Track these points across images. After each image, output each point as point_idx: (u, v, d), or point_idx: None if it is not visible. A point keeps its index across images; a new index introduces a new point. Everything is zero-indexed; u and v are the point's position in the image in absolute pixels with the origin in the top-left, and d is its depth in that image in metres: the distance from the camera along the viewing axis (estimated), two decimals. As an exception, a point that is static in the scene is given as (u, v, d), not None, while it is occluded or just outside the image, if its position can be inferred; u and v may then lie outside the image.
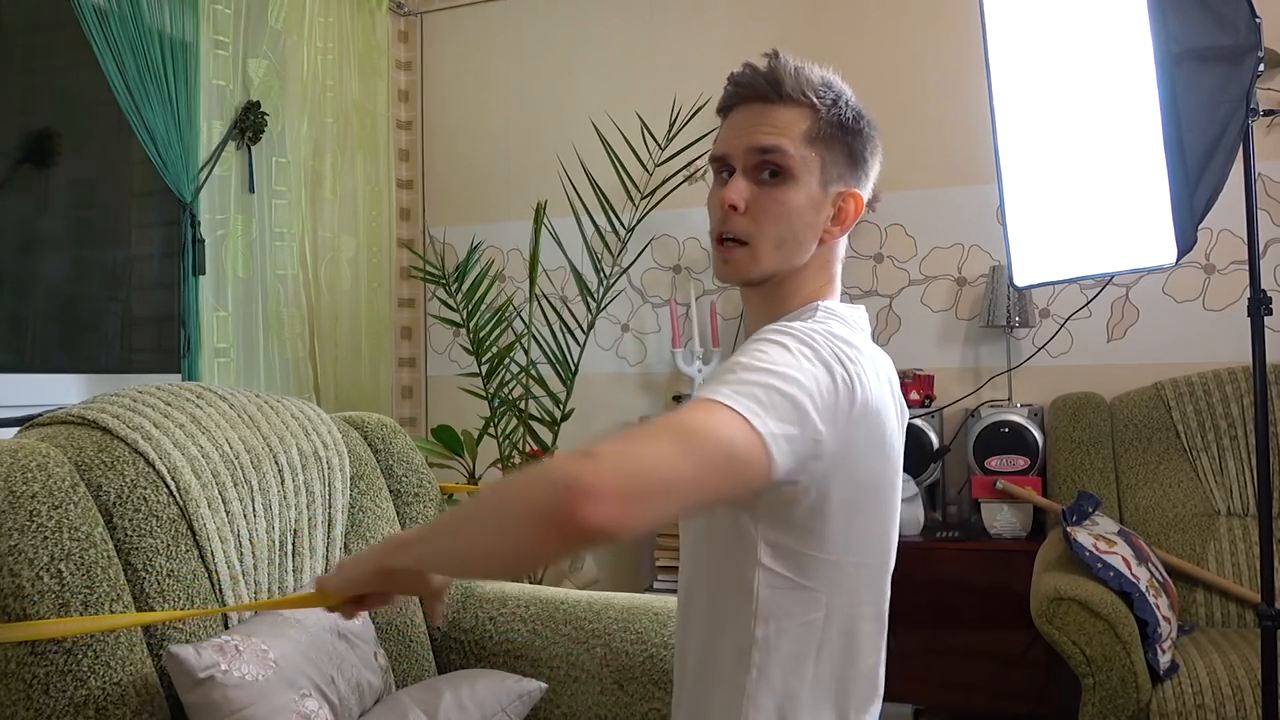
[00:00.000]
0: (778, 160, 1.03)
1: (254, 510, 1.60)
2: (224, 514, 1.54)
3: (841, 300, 1.11)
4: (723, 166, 1.07)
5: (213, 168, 2.69)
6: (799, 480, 0.92)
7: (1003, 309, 2.83)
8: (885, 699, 1.10)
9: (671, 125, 3.06)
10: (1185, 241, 1.43)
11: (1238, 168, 1.50)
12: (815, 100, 1.03)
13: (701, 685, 1.06)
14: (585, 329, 3.11)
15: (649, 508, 0.76)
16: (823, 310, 1.04)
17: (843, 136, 1.05)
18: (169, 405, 1.59)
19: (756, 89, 1.05)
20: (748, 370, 0.87)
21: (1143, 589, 2.13)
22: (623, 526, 0.73)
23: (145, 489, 1.43)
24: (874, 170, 1.10)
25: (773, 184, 1.04)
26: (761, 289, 1.08)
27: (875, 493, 1.01)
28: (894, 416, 1.03)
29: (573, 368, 3.09)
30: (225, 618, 1.50)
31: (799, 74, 1.04)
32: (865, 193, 1.09)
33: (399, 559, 0.93)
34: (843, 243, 1.11)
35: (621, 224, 3.11)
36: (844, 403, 0.91)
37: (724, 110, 1.09)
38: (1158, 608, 2.12)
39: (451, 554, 0.88)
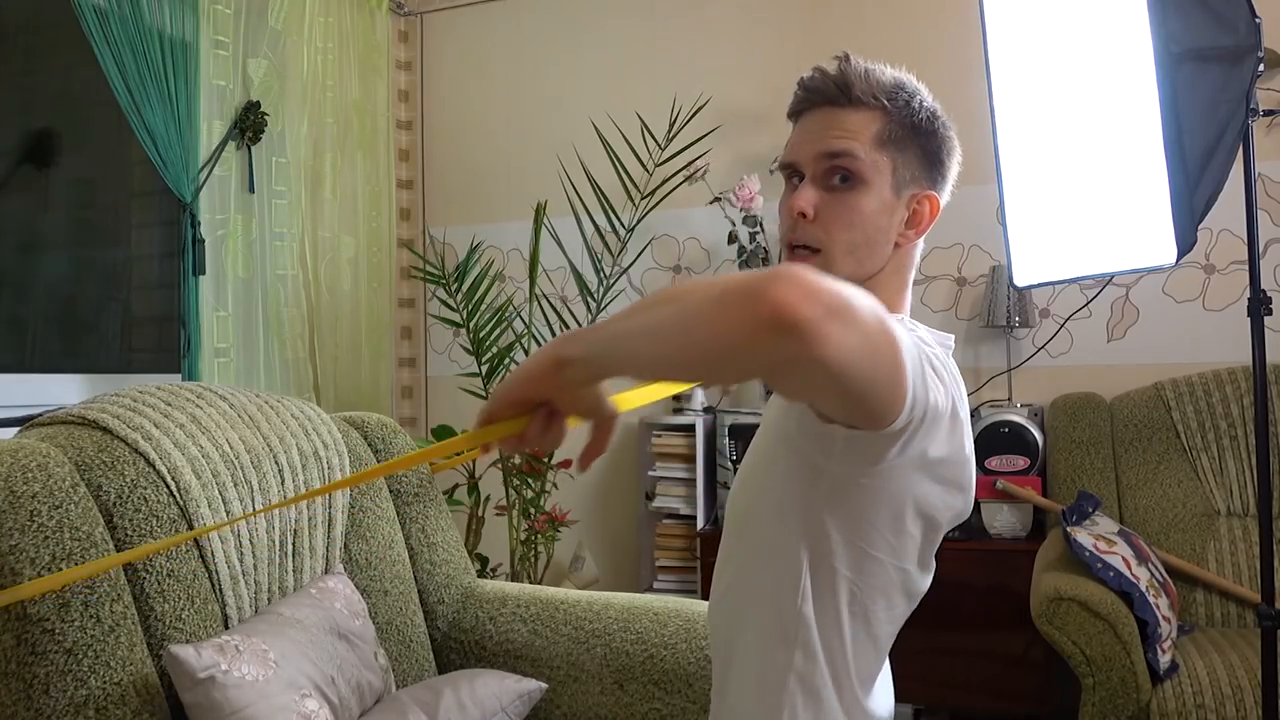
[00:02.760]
0: (848, 165, 1.00)
1: (254, 510, 1.60)
2: (224, 514, 1.54)
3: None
4: (793, 173, 1.04)
5: (213, 168, 2.69)
6: (900, 448, 0.87)
7: (1003, 309, 2.83)
8: (885, 699, 1.11)
9: (671, 125, 3.06)
10: (1185, 241, 1.43)
11: (1238, 168, 1.50)
12: (886, 102, 1.00)
13: (739, 661, 1.04)
14: (585, 329, 3.11)
15: (846, 333, 0.67)
16: (907, 324, 1.00)
17: (916, 138, 1.02)
18: (169, 405, 1.59)
19: (826, 93, 1.01)
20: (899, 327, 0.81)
21: (1143, 589, 2.13)
22: (817, 334, 0.65)
23: (145, 489, 1.43)
24: (952, 171, 1.07)
25: (843, 189, 1.00)
26: None
27: (936, 503, 0.98)
28: (968, 455, 1.00)
29: (573, 368, 3.09)
30: (225, 618, 1.50)
31: (869, 76, 1.01)
32: (943, 195, 1.06)
33: (574, 347, 0.82)
34: (918, 248, 1.08)
35: (621, 224, 3.11)
36: (943, 402, 0.87)
37: (794, 115, 1.06)
38: (1158, 608, 2.12)
39: (631, 337, 0.79)
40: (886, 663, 1.10)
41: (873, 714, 1.02)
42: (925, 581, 1.05)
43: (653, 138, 3.09)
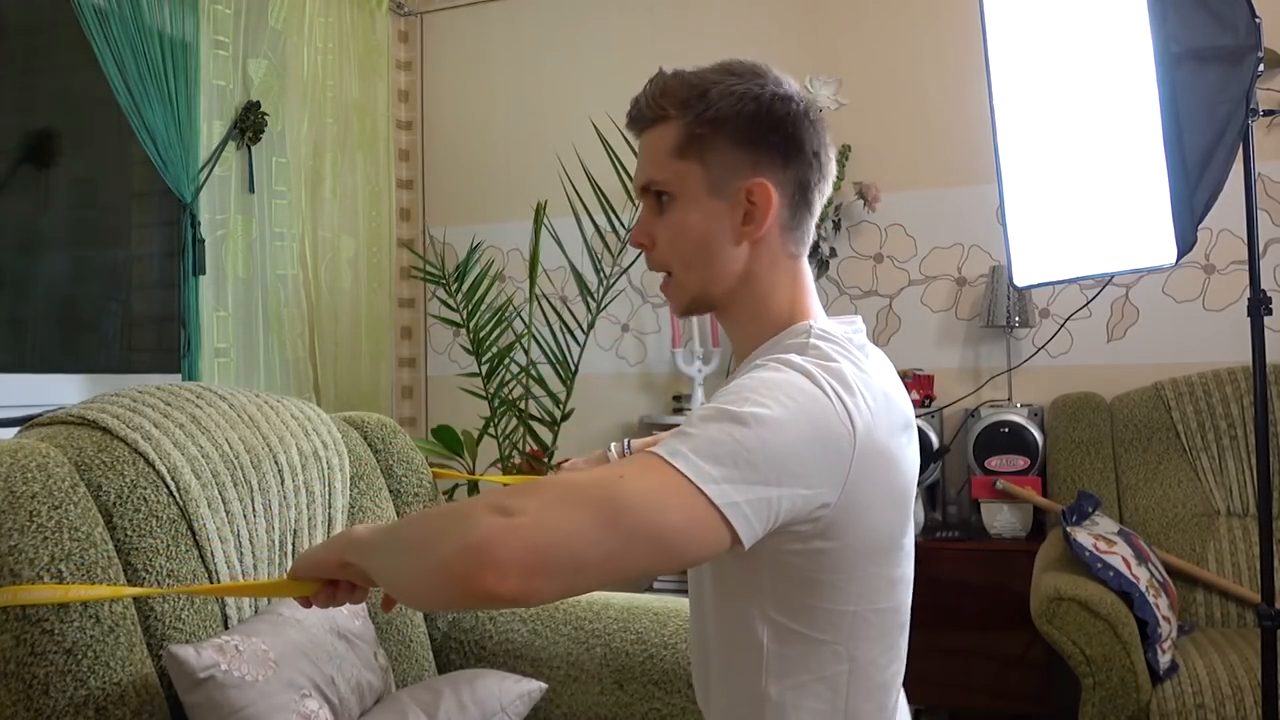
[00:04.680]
0: (656, 189, 1.00)
1: (254, 510, 1.60)
2: (224, 514, 1.54)
3: (831, 315, 1.02)
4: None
5: (213, 168, 2.69)
6: (801, 531, 0.85)
7: (1003, 309, 2.83)
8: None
9: (671, 125, 3.06)
10: (1185, 241, 1.43)
11: (1238, 168, 1.49)
12: (675, 111, 0.97)
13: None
14: (585, 329, 3.11)
15: (557, 582, 0.72)
16: (815, 334, 0.94)
17: (721, 132, 0.96)
18: (169, 405, 1.59)
19: (633, 121, 1.02)
20: (723, 420, 0.79)
21: (1143, 589, 2.13)
22: (528, 598, 0.71)
23: (145, 489, 1.43)
24: (798, 147, 0.98)
25: (664, 210, 1.00)
26: (722, 314, 1.03)
27: (893, 537, 0.93)
28: (907, 452, 0.95)
29: (573, 368, 3.09)
30: (225, 618, 1.50)
31: (661, 89, 0.98)
32: (790, 175, 0.98)
33: (354, 557, 0.90)
34: (798, 240, 1.01)
35: (621, 224, 3.11)
36: (845, 450, 0.83)
37: None
38: (1158, 608, 2.12)
39: (384, 578, 0.86)
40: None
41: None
42: (908, 579, 0.98)
43: (653, 138, 3.08)
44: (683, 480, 0.76)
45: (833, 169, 1.03)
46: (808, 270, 1.03)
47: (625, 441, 1.45)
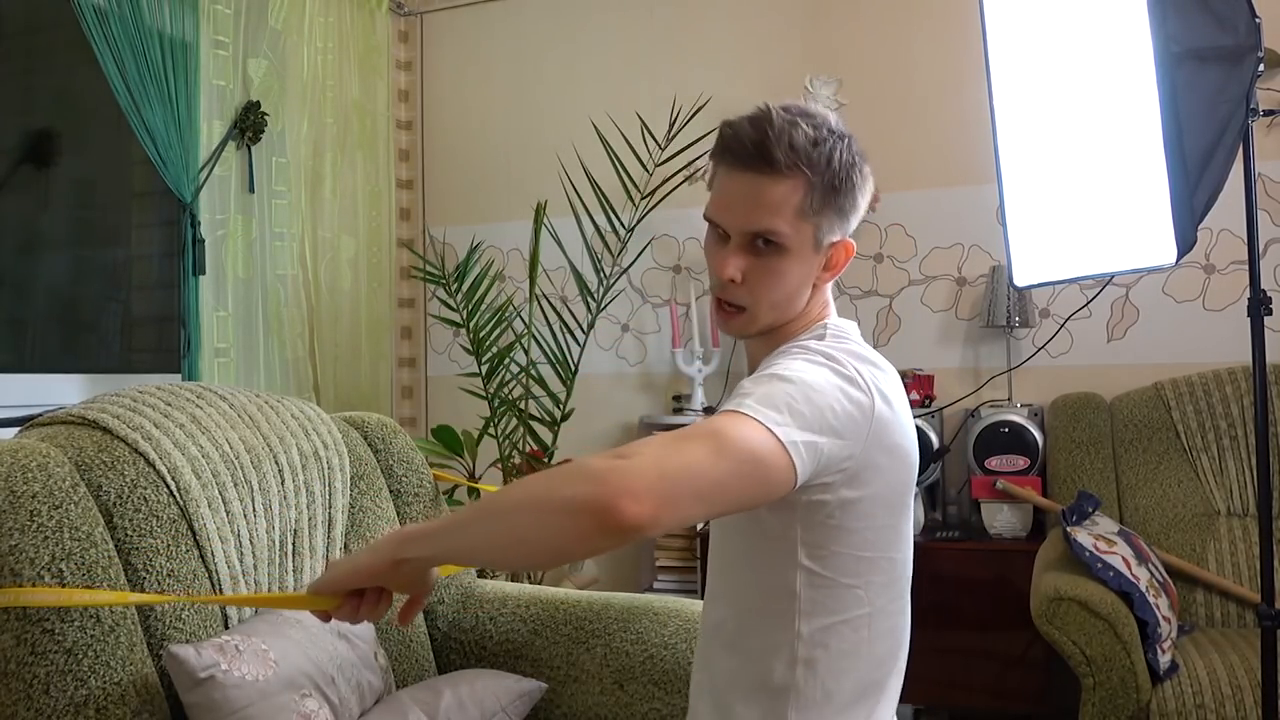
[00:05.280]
0: (773, 238, 1.05)
1: (254, 510, 1.60)
2: (224, 514, 1.54)
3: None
4: (719, 226, 1.10)
5: (213, 168, 2.69)
6: (830, 481, 0.97)
7: (1003, 309, 2.83)
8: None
9: (671, 125, 3.06)
10: (1185, 241, 1.43)
11: (1238, 168, 1.50)
12: (807, 170, 1.03)
13: (736, 682, 1.08)
14: (585, 329, 3.11)
15: (683, 508, 0.81)
16: (832, 329, 1.09)
17: (834, 199, 1.06)
18: (169, 405, 1.58)
19: (749, 160, 1.04)
20: (772, 382, 0.94)
21: (1143, 589, 2.13)
22: (658, 523, 0.78)
23: (145, 489, 1.43)
24: (863, 204, 1.11)
25: (768, 254, 1.06)
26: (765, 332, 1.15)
27: (903, 493, 1.06)
28: (909, 421, 1.08)
29: (573, 368, 3.09)
30: (225, 617, 1.50)
31: (791, 140, 1.02)
32: (852, 224, 1.11)
33: (416, 550, 0.92)
34: (832, 279, 1.15)
35: (621, 224, 3.11)
36: (866, 411, 0.97)
37: (717, 164, 1.10)
38: (1158, 608, 2.12)
39: (487, 545, 0.90)
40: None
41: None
42: (911, 538, 1.12)
43: (653, 138, 3.09)
44: (756, 423, 0.88)
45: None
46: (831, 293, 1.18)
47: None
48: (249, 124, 2.80)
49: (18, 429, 1.51)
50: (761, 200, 1.04)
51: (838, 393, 0.95)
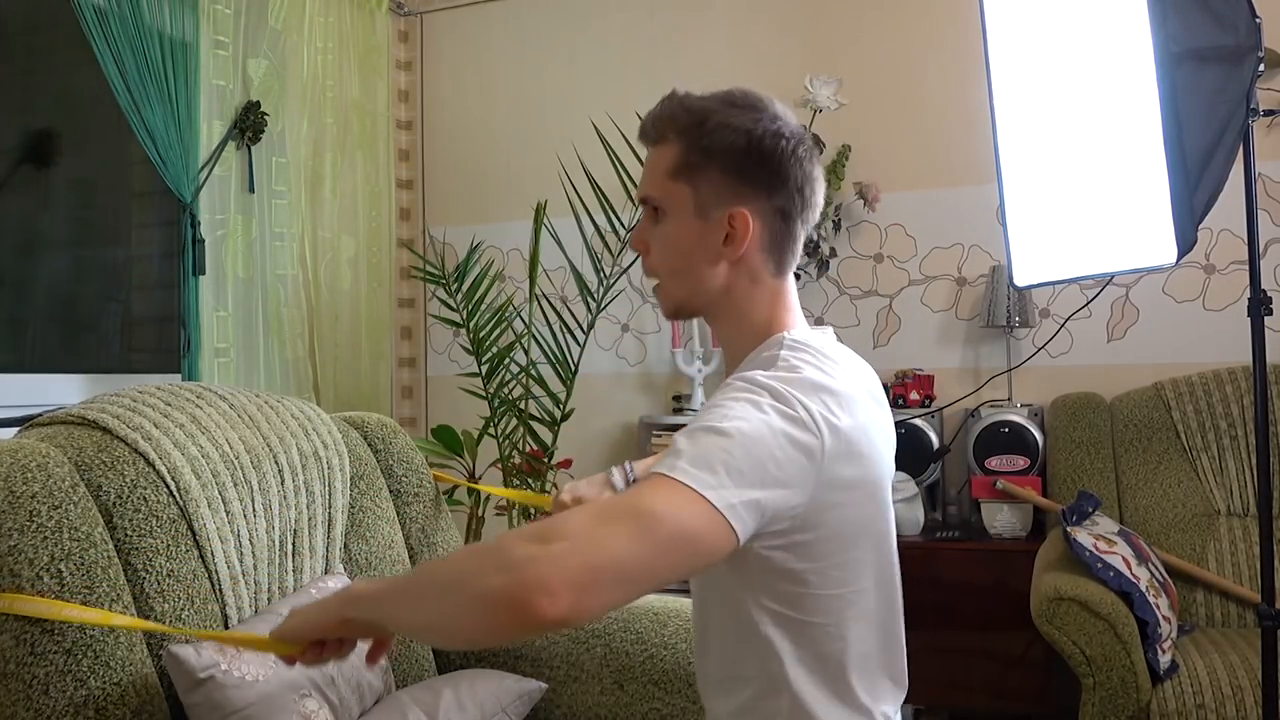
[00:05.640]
0: (651, 203, 1.11)
1: (254, 510, 1.60)
2: (224, 514, 1.54)
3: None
4: None
5: (213, 168, 2.69)
6: (780, 529, 0.94)
7: (1003, 309, 2.83)
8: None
9: (671, 125, 3.06)
10: (1185, 241, 1.42)
11: (1238, 168, 1.49)
12: (675, 136, 1.08)
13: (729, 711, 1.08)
14: (585, 329, 3.11)
15: (605, 596, 0.79)
16: (787, 344, 1.03)
17: (710, 161, 1.06)
18: (169, 405, 1.58)
19: (640, 135, 1.13)
20: (708, 436, 0.88)
21: (1143, 589, 2.13)
22: (579, 617, 0.76)
23: (145, 489, 1.43)
24: (782, 182, 1.07)
25: (657, 221, 1.11)
26: (710, 320, 1.13)
27: (866, 524, 1.02)
28: (878, 439, 1.03)
29: (573, 368, 3.09)
30: (225, 618, 1.50)
31: (668, 114, 1.09)
32: (772, 205, 1.07)
33: (357, 611, 0.94)
34: (768, 261, 1.09)
35: (621, 224, 3.11)
36: (814, 454, 0.92)
37: None
38: (1158, 608, 2.12)
39: (409, 623, 0.90)
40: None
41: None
42: (890, 551, 1.08)
43: (653, 138, 3.08)
44: (688, 490, 0.84)
45: (819, 199, 1.11)
46: (791, 288, 1.12)
47: (627, 464, 1.47)
48: (249, 124, 2.80)
49: (18, 429, 1.51)
50: (644, 170, 1.12)
51: (781, 439, 0.90)
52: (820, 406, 0.94)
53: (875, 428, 1.02)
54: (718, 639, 1.08)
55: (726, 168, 1.06)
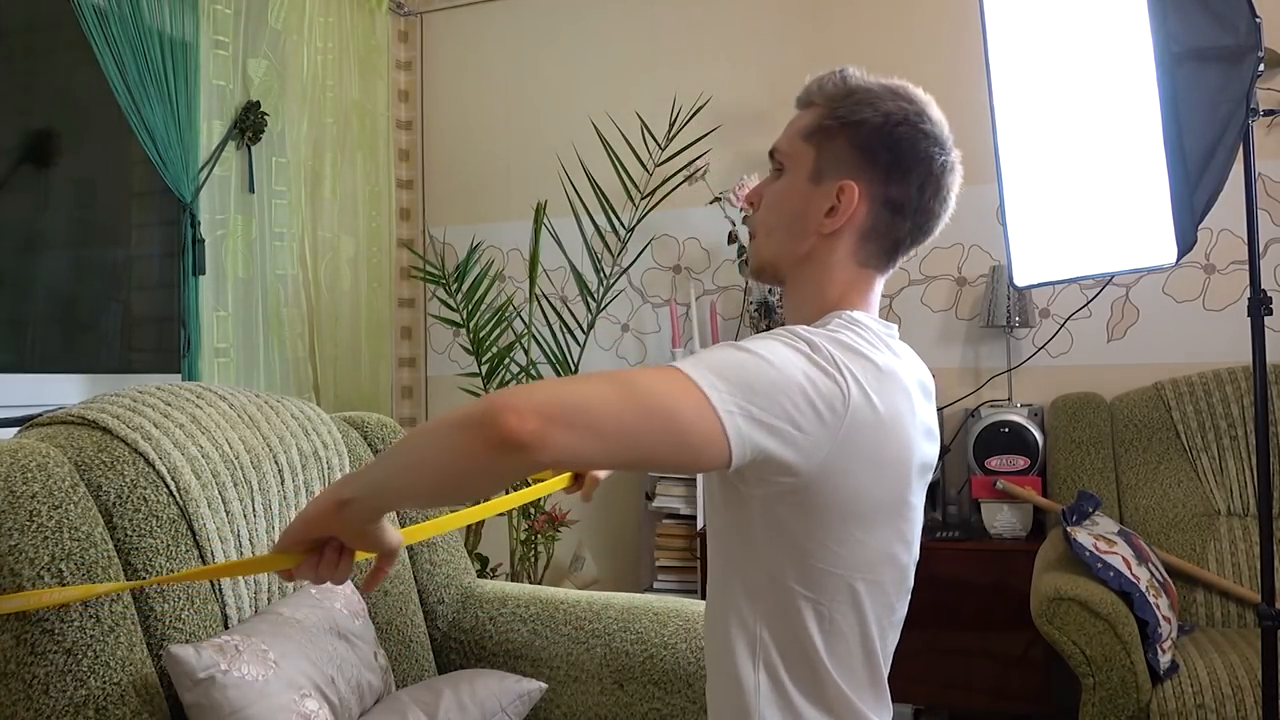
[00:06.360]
0: (777, 157, 1.10)
1: (254, 510, 1.60)
2: (224, 514, 1.54)
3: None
4: None
5: (213, 168, 2.69)
6: (795, 474, 0.90)
7: (1003, 309, 2.83)
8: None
9: (671, 125, 3.06)
10: (1185, 241, 1.43)
11: (1238, 168, 1.50)
12: (821, 102, 1.07)
13: (719, 681, 1.06)
14: (585, 329, 3.11)
15: (574, 436, 0.77)
16: (844, 319, 1.01)
17: (842, 131, 1.05)
18: (169, 405, 1.58)
19: (798, 99, 1.12)
20: (725, 349, 0.88)
21: (1143, 589, 2.13)
22: (545, 442, 0.75)
23: (145, 489, 1.43)
24: (903, 172, 1.04)
25: (775, 178, 1.11)
26: (786, 289, 1.11)
27: (881, 508, 0.98)
28: (913, 431, 0.99)
29: (573, 368, 3.09)
30: (225, 618, 1.50)
31: (827, 80, 1.08)
32: (886, 192, 1.04)
33: (350, 488, 0.90)
34: (861, 247, 1.06)
35: (621, 224, 3.11)
36: (837, 406, 0.89)
37: None
38: (1158, 608, 2.12)
39: (397, 472, 0.87)
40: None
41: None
42: (901, 563, 1.04)
43: (653, 138, 3.09)
44: (692, 384, 0.83)
45: (939, 211, 1.08)
46: (876, 285, 1.09)
47: None
48: (249, 124, 2.80)
49: (18, 429, 1.51)
50: (786, 128, 1.11)
51: (805, 382, 0.87)
52: (855, 368, 0.92)
53: (912, 414, 0.99)
54: (718, 596, 1.06)
55: (854, 141, 1.04)
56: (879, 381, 0.94)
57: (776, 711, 0.99)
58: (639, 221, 3.12)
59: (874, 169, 1.04)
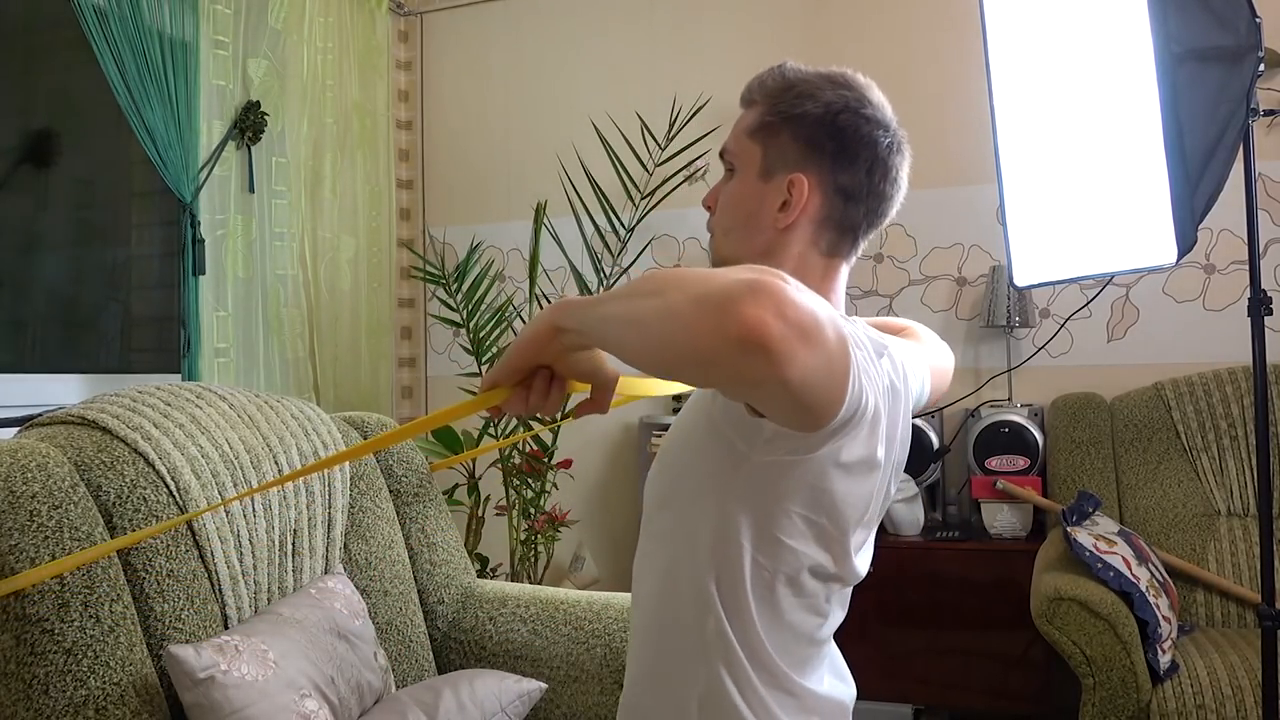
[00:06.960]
0: (726, 158, 1.11)
1: (254, 510, 1.60)
2: (224, 514, 1.54)
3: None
4: None
5: (213, 168, 2.69)
6: (808, 450, 0.90)
7: (1003, 309, 2.83)
8: (885, 699, 1.10)
9: (671, 125, 3.06)
10: (1185, 241, 1.42)
11: (1238, 168, 1.49)
12: (762, 99, 1.09)
13: (657, 645, 1.06)
14: (585, 329, 3.11)
15: (792, 342, 0.70)
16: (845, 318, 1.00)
17: (785, 125, 1.06)
18: (169, 405, 1.59)
19: (741, 98, 1.12)
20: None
21: (1143, 589, 2.13)
22: (774, 344, 0.69)
23: (145, 489, 1.43)
24: (850, 159, 1.05)
25: (727, 178, 1.12)
26: None
27: (846, 502, 0.98)
28: (893, 418, 1.00)
29: (573, 368, 3.09)
30: (225, 618, 1.50)
31: (766, 77, 1.09)
32: (836, 181, 1.05)
33: (567, 316, 0.87)
34: (820, 236, 1.06)
35: (621, 224, 3.11)
36: (871, 412, 0.89)
37: None
38: (1158, 608, 2.12)
39: (611, 319, 0.82)
40: (834, 647, 1.11)
41: (811, 692, 1.04)
42: (849, 568, 1.03)
43: (653, 138, 3.09)
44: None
45: (891, 193, 1.09)
46: (841, 274, 1.09)
47: None
48: (249, 124, 2.80)
49: (18, 429, 1.51)
50: (732, 129, 1.12)
51: (865, 379, 0.85)
52: (873, 377, 0.91)
53: (888, 408, 0.98)
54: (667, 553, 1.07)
55: (798, 135, 1.05)
56: (882, 393, 0.95)
57: (722, 667, 0.99)
58: (639, 221, 3.12)
59: (821, 159, 1.05)
